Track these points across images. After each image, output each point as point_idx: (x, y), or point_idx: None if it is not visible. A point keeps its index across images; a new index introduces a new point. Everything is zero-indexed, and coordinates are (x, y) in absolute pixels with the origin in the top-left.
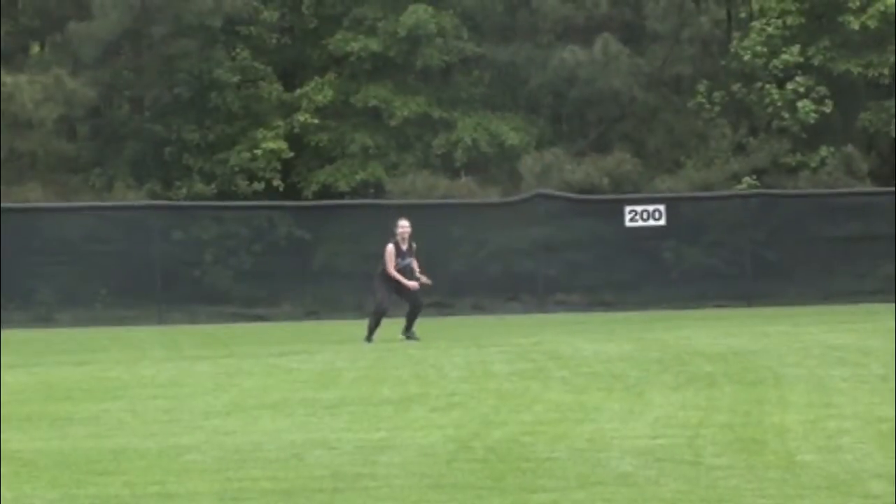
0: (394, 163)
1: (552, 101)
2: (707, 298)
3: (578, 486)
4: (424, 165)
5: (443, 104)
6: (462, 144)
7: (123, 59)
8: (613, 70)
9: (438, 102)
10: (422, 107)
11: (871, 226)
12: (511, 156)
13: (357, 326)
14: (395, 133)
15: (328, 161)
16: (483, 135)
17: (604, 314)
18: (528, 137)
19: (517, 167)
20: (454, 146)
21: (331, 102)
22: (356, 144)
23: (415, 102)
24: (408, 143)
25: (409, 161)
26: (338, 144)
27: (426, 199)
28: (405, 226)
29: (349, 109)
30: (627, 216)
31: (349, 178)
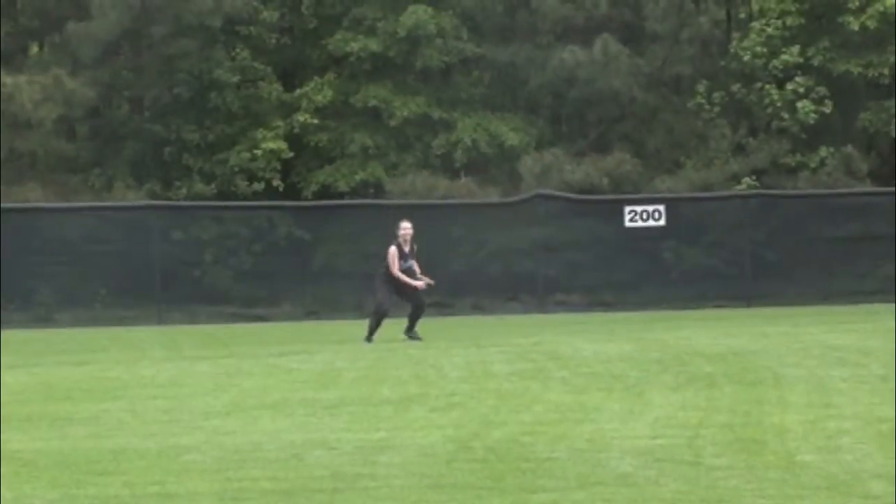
0: (393, 163)
1: (552, 102)
2: (707, 299)
3: (578, 487)
4: (424, 166)
5: (442, 104)
6: (462, 145)
7: (123, 60)
8: (613, 70)
9: (438, 103)
10: (421, 107)
11: (871, 226)
12: (511, 156)
13: (357, 326)
14: (395, 133)
15: (328, 161)
16: (483, 135)
17: (603, 314)
18: (528, 138)
19: (517, 167)
20: (454, 146)
21: (330, 102)
22: (356, 145)
23: (414, 103)
24: (407, 144)
25: (409, 161)
26: (337, 144)
27: (426, 200)
28: (407, 227)
29: (349, 110)
30: (627, 216)
31: (349, 179)
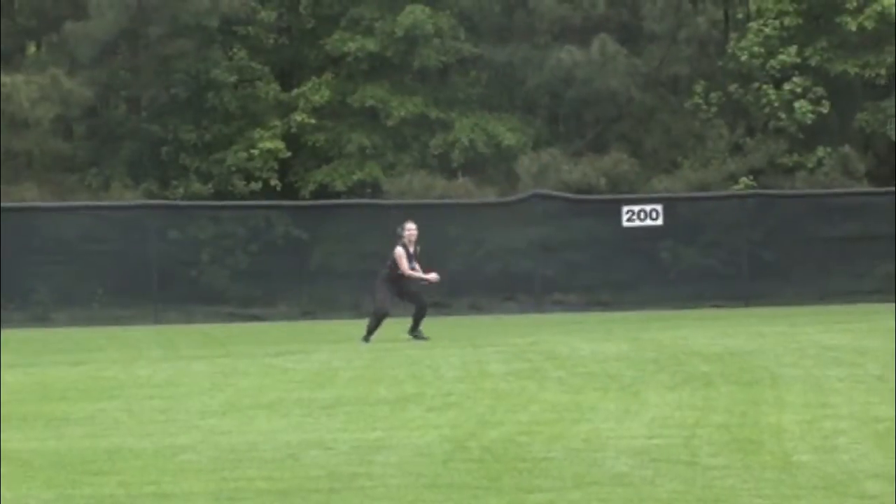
0: (391, 163)
1: (549, 102)
2: (704, 298)
3: (574, 486)
4: (421, 165)
5: (440, 104)
6: (459, 144)
7: (120, 59)
8: (610, 70)
9: (435, 103)
10: (419, 107)
11: (868, 226)
12: (508, 156)
13: (353, 326)
14: (392, 133)
15: (325, 161)
16: (480, 135)
17: (601, 314)
18: (525, 138)
19: (514, 167)
20: (451, 146)
21: (328, 102)
22: (353, 144)
23: (412, 102)
24: (405, 144)
25: (406, 161)
26: (335, 144)
27: (423, 200)
28: (412, 228)
29: (346, 109)
30: (624, 216)
31: (346, 178)
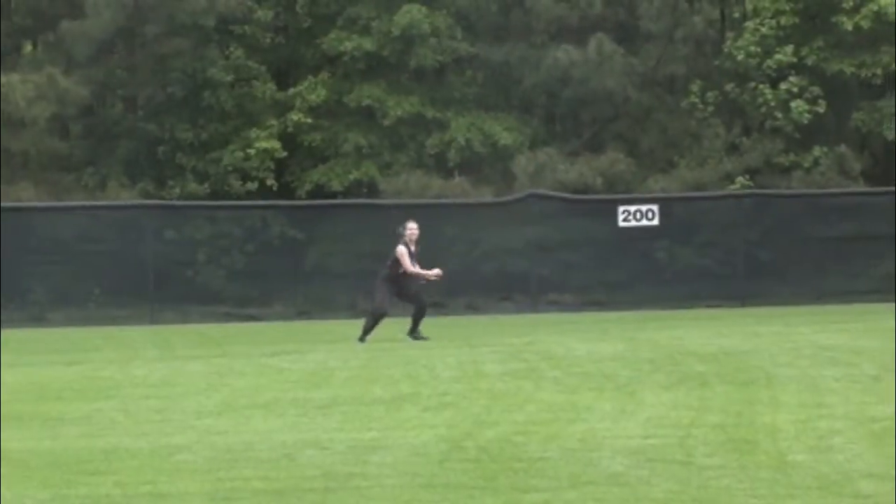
0: (387, 162)
1: (546, 101)
2: (700, 298)
3: (570, 486)
4: (418, 165)
5: (436, 104)
6: (455, 144)
7: (116, 58)
8: (607, 70)
9: (432, 102)
10: (415, 106)
11: (864, 226)
12: (504, 156)
13: (349, 326)
14: (389, 133)
15: (321, 160)
16: (476, 134)
17: (596, 314)
18: (522, 137)
19: (510, 167)
20: (447, 146)
21: (324, 102)
22: (349, 144)
23: (408, 102)
24: (401, 143)
25: (403, 161)
26: (331, 144)
27: (419, 199)
28: (414, 228)
29: (343, 109)
30: (621, 216)
31: (342, 178)
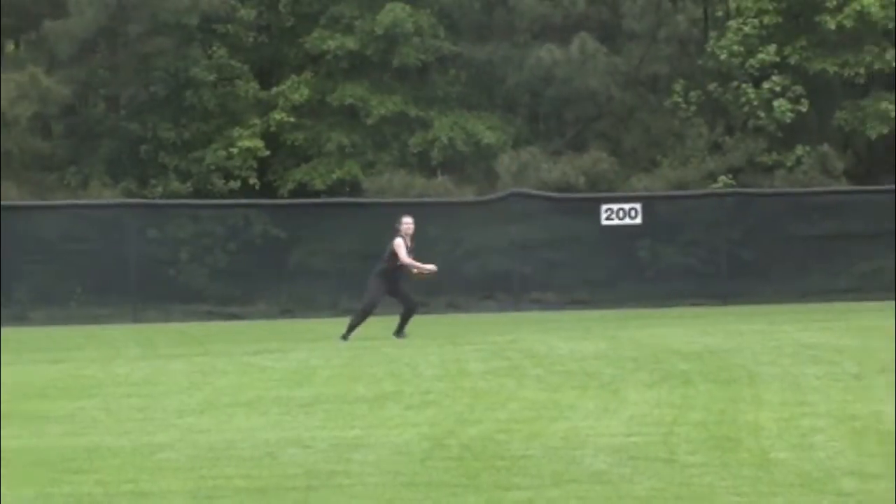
0: (370, 161)
1: (529, 100)
2: (682, 297)
3: (553, 484)
4: (401, 164)
5: (419, 103)
6: (438, 143)
7: (99, 57)
8: (590, 69)
9: (415, 101)
10: (398, 105)
11: (847, 224)
12: (487, 154)
13: (332, 325)
14: (372, 132)
15: (304, 159)
16: (459, 133)
17: (579, 312)
18: (505, 136)
19: (493, 166)
20: (431, 145)
21: (307, 101)
22: (332, 143)
23: (391, 101)
24: (384, 142)
25: (386, 160)
26: (314, 143)
27: (402, 198)
28: (409, 222)
29: (325, 108)
30: (603, 215)
31: (325, 177)
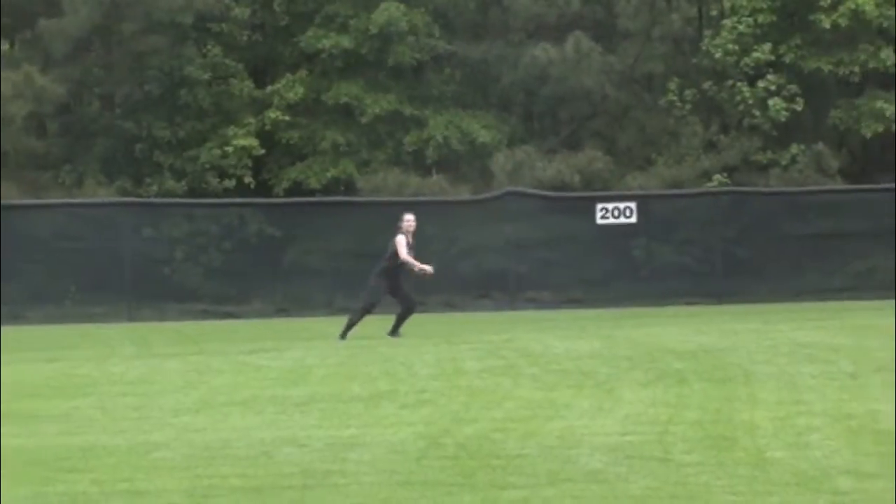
0: (365, 160)
1: (524, 99)
2: (678, 296)
3: (548, 483)
4: (396, 163)
5: (414, 102)
6: (433, 142)
7: (94, 56)
8: (585, 68)
9: (410, 100)
10: (393, 104)
11: (841, 223)
12: (482, 153)
13: (327, 324)
14: (367, 130)
15: (299, 158)
16: (454, 132)
17: (574, 311)
18: (500, 135)
19: (488, 165)
20: (425, 144)
21: (302, 99)
22: (327, 142)
23: (386, 100)
24: (379, 141)
25: (381, 158)
26: (309, 142)
27: (397, 197)
28: (411, 219)
29: (320, 107)
30: (598, 214)
31: (320, 176)
